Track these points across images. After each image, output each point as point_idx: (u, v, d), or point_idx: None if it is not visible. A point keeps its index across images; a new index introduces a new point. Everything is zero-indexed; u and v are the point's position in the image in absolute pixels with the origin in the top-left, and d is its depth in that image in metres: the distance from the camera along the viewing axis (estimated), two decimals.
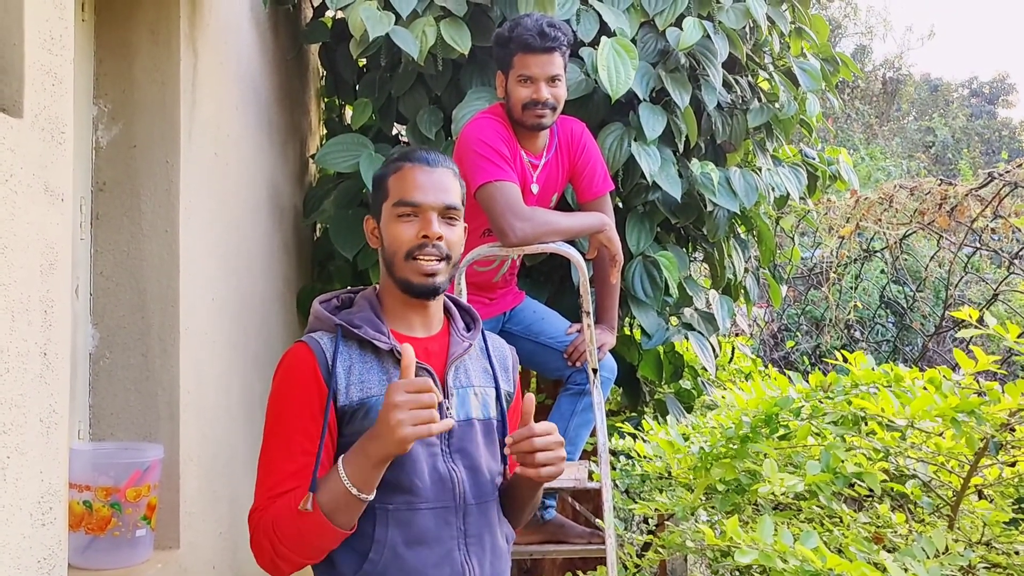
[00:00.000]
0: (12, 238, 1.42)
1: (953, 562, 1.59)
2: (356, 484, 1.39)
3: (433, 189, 1.53)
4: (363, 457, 1.40)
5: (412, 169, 1.55)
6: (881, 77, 18.39)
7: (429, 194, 1.53)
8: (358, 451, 1.41)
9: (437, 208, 1.53)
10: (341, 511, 1.40)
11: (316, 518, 1.39)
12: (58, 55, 1.56)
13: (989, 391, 1.71)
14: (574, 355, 2.71)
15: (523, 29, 2.50)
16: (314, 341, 1.52)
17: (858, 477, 1.79)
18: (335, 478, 1.40)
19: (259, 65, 2.93)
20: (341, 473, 1.40)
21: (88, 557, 1.97)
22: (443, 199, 1.54)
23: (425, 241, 1.51)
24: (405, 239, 1.52)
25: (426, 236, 1.51)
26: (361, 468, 1.39)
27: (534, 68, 2.51)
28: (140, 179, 2.22)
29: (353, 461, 1.41)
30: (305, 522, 1.40)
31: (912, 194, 4.89)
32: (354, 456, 1.41)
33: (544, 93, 2.51)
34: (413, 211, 1.53)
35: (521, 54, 2.51)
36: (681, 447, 2.28)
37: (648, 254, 3.05)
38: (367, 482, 1.40)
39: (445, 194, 1.54)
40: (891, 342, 6.12)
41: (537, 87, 2.51)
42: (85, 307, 2.18)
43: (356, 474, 1.39)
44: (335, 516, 1.40)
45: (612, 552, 2.36)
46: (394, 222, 1.54)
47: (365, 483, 1.40)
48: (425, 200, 1.52)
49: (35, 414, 1.46)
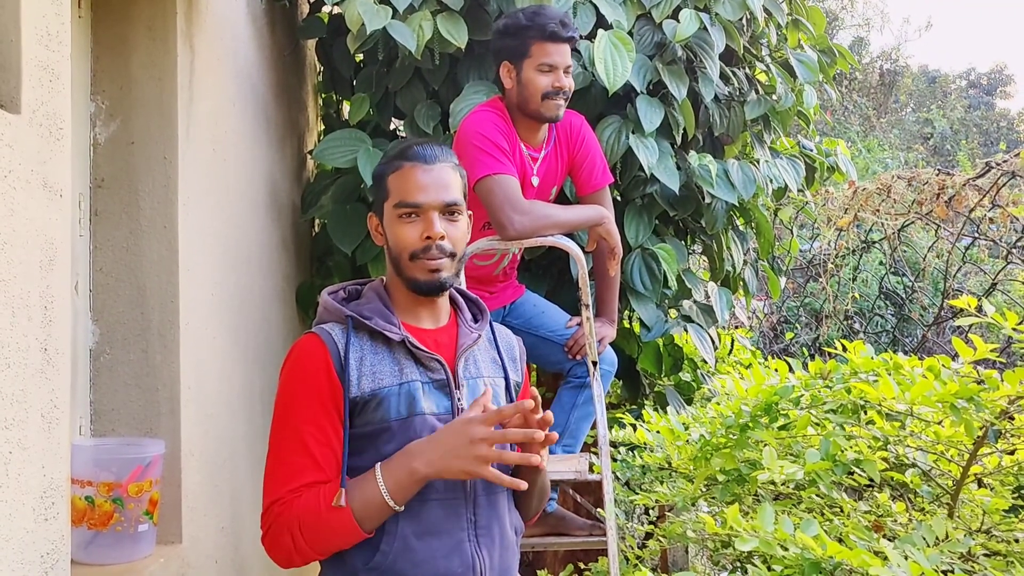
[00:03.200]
0: (11, 234, 1.42)
1: (953, 549, 1.59)
2: (394, 496, 1.42)
3: (434, 188, 1.54)
4: (407, 473, 1.43)
5: (412, 169, 1.55)
6: (878, 69, 18.38)
7: (430, 193, 1.53)
8: (402, 465, 1.43)
9: (438, 207, 1.54)
10: (373, 518, 1.44)
11: (345, 520, 1.42)
12: (55, 51, 1.56)
13: (988, 379, 1.71)
14: (574, 348, 2.72)
15: (546, 18, 2.50)
16: (325, 332, 1.52)
17: (858, 465, 1.80)
18: (372, 486, 1.43)
19: (256, 61, 2.93)
20: (380, 483, 1.43)
21: (91, 552, 1.98)
22: (443, 197, 1.54)
23: (428, 243, 1.53)
24: (409, 241, 1.53)
25: (429, 237, 1.53)
26: (403, 484, 1.43)
27: (555, 56, 2.52)
28: (139, 175, 2.22)
29: (395, 474, 1.43)
30: (333, 522, 1.42)
31: (910, 184, 4.89)
32: (397, 469, 1.44)
33: (564, 81, 2.53)
34: (415, 211, 1.53)
35: (541, 42, 2.51)
36: (682, 434, 2.29)
37: (647, 247, 3.05)
38: (405, 496, 1.44)
39: (446, 191, 1.55)
40: (890, 333, 6.12)
41: (558, 75, 2.52)
42: (85, 303, 2.18)
43: (396, 487, 1.43)
44: (365, 522, 1.43)
45: (613, 544, 2.37)
46: (397, 223, 1.55)
47: (403, 496, 1.44)
48: (426, 200, 1.53)
49: (36, 409, 1.46)
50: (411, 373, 1.52)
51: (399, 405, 1.49)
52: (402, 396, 1.50)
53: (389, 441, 1.48)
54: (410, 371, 1.52)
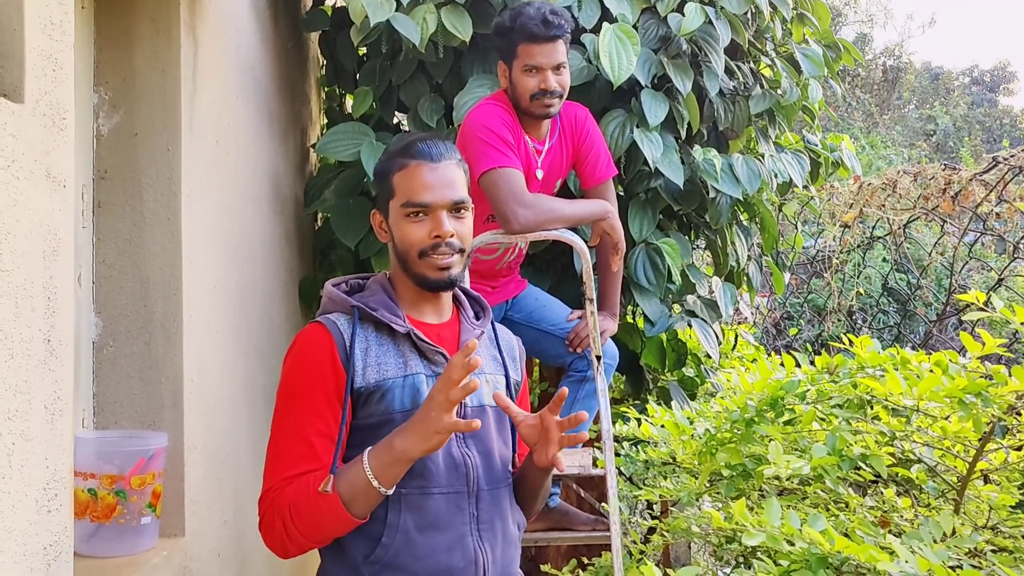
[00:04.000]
0: (15, 224, 1.41)
1: (960, 545, 1.59)
2: (378, 477, 1.41)
3: (440, 186, 1.53)
4: (387, 451, 1.42)
5: (418, 167, 1.53)
6: (882, 65, 18.35)
7: (437, 193, 1.52)
8: (386, 446, 1.42)
9: (446, 205, 1.53)
10: (359, 501, 1.42)
11: (333, 504, 1.41)
12: (58, 40, 1.55)
13: (996, 374, 1.70)
14: (575, 341, 2.71)
15: (527, 18, 2.48)
16: (331, 322, 1.52)
17: (864, 460, 1.79)
18: (358, 468, 1.42)
19: (259, 54, 2.92)
20: (365, 465, 1.42)
21: (93, 545, 1.97)
22: (451, 195, 1.53)
23: (438, 241, 1.52)
24: (417, 239, 1.53)
25: (438, 236, 1.52)
26: (385, 462, 1.41)
27: (540, 58, 2.49)
28: (142, 167, 2.21)
29: (378, 454, 1.42)
30: (322, 507, 1.41)
31: (916, 180, 4.87)
32: (380, 450, 1.43)
33: (551, 82, 2.50)
34: (423, 211, 1.53)
35: (525, 44, 2.49)
36: (687, 429, 2.28)
37: (651, 241, 3.04)
38: (389, 477, 1.42)
39: (452, 190, 1.54)
40: (894, 329, 6.11)
41: (544, 76, 2.50)
42: (88, 295, 2.18)
43: (380, 468, 1.42)
44: (352, 505, 1.42)
45: (617, 538, 2.36)
46: (404, 222, 1.54)
47: (387, 478, 1.42)
48: (434, 200, 1.52)
49: (39, 401, 1.45)
50: (415, 366, 1.52)
51: (403, 397, 1.49)
52: (406, 388, 1.49)
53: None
54: (414, 364, 1.52)
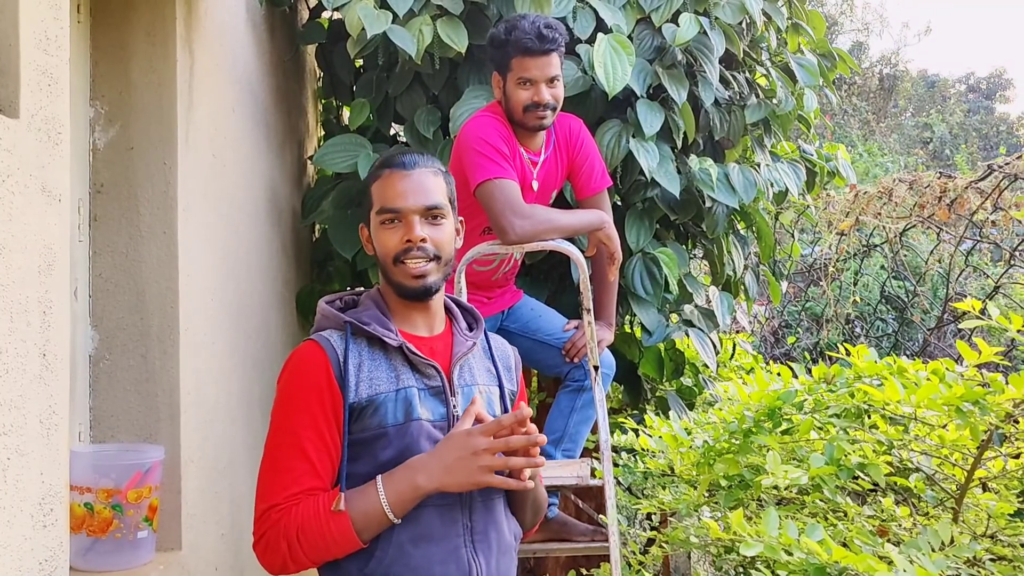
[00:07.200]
0: (10, 239, 1.41)
1: (959, 554, 1.58)
2: (394, 508, 1.43)
3: (412, 192, 1.55)
4: (410, 488, 1.44)
5: (391, 175, 1.57)
6: (878, 73, 18.40)
7: (408, 198, 1.55)
8: (404, 479, 1.44)
9: (418, 211, 1.55)
10: (371, 529, 1.44)
11: (344, 530, 1.42)
12: (54, 55, 1.55)
13: (993, 382, 1.70)
14: (572, 351, 2.71)
15: (521, 32, 2.48)
16: (324, 340, 1.53)
17: (862, 469, 1.79)
18: (372, 498, 1.44)
19: (256, 67, 2.93)
20: (381, 495, 1.43)
21: (90, 559, 1.96)
22: (422, 201, 1.55)
23: (409, 245, 1.54)
24: (391, 245, 1.55)
25: (409, 240, 1.54)
26: (404, 497, 1.44)
27: (533, 71, 2.50)
28: (138, 181, 2.22)
29: (396, 487, 1.44)
30: (333, 531, 1.42)
31: (911, 188, 4.88)
32: (399, 483, 1.44)
33: (545, 95, 2.51)
34: (395, 217, 1.55)
35: (519, 57, 2.50)
36: (685, 440, 2.28)
37: (648, 251, 3.05)
38: (405, 509, 1.44)
39: (425, 195, 1.56)
40: (891, 337, 6.11)
41: (538, 89, 2.51)
42: (84, 309, 2.17)
43: (397, 500, 1.43)
44: (363, 532, 1.43)
45: (615, 549, 2.36)
46: (380, 229, 1.57)
47: (403, 510, 1.44)
48: (405, 204, 1.54)
49: (35, 415, 1.45)
50: (407, 379, 1.52)
51: (396, 411, 1.49)
52: (399, 402, 1.50)
53: (386, 447, 1.48)
54: (406, 377, 1.52)
